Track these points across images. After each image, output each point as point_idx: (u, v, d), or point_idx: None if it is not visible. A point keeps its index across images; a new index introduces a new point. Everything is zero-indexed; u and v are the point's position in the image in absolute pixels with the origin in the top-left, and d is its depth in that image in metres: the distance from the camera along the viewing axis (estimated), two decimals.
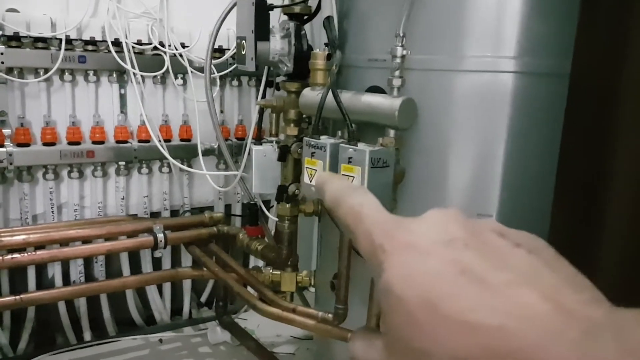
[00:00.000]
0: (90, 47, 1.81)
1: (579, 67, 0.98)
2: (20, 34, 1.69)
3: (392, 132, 1.16)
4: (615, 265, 0.92)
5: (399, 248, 0.24)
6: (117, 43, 1.80)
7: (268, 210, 1.76)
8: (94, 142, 1.86)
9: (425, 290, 0.22)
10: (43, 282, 1.88)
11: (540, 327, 0.20)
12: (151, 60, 1.90)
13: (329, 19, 1.33)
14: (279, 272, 1.59)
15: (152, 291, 2.07)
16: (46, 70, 1.74)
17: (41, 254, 1.62)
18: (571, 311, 0.20)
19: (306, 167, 1.21)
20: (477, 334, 0.20)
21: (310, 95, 1.35)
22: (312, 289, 1.80)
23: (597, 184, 0.94)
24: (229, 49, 1.99)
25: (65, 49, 1.74)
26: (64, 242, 1.68)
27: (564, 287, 0.21)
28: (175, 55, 1.90)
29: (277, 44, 1.44)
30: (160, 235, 1.72)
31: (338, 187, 0.30)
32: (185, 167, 1.96)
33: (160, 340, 1.98)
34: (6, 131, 1.71)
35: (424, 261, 0.23)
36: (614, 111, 0.91)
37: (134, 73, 1.84)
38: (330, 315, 1.39)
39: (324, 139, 1.19)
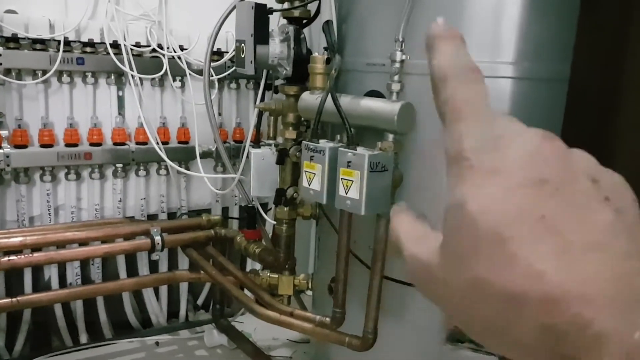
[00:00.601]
0: (88, 49, 1.80)
1: (578, 71, 0.98)
2: (19, 36, 1.68)
3: (391, 137, 1.16)
4: None
5: (486, 170, 0.23)
6: (115, 45, 1.80)
7: (265, 213, 1.76)
8: (91, 144, 1.86)
9: (501, 225, 0.21)
10: (39, 284, 1.87)
11: (599, 296, 0.20)
12: (149, 62, 1.89)
13: (328, 23, 1.33)
14: (276, 276, 1.59)
15: (148, 294, 2.07)
16: (44, 72, 1.74)
17: (38, 256, 1.61)
18: (634, 283, 0.20)
19: (305, 171, 1.21)
20: (539, 282, 0.20)
21: (309, 99, 1.35)
22: (310, 293, 1.80)
23: None
24: (227, 52, 1.99)
25: (64, 51, 1.74)
26: (61, 244, 1.68)
27: (635, 257, 0.21)
28: (173, 57, 1.90)
29: (276, 48, 1.44)
30: (158, 238, 1.72)
31: (451, 60, 0.25)
32: (182, 170, 1.96)
33: (157, 343, 1.98)
34: (3, 132, 1.71)
35: (508, 196, 0.22)
36: (614, 115, 0.91)
37: (132, 75, 1.83)
38: (327, 319, 1.39)
39: (323, 143, 1.20)
